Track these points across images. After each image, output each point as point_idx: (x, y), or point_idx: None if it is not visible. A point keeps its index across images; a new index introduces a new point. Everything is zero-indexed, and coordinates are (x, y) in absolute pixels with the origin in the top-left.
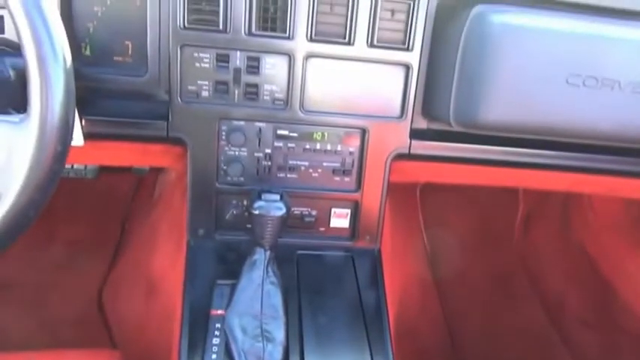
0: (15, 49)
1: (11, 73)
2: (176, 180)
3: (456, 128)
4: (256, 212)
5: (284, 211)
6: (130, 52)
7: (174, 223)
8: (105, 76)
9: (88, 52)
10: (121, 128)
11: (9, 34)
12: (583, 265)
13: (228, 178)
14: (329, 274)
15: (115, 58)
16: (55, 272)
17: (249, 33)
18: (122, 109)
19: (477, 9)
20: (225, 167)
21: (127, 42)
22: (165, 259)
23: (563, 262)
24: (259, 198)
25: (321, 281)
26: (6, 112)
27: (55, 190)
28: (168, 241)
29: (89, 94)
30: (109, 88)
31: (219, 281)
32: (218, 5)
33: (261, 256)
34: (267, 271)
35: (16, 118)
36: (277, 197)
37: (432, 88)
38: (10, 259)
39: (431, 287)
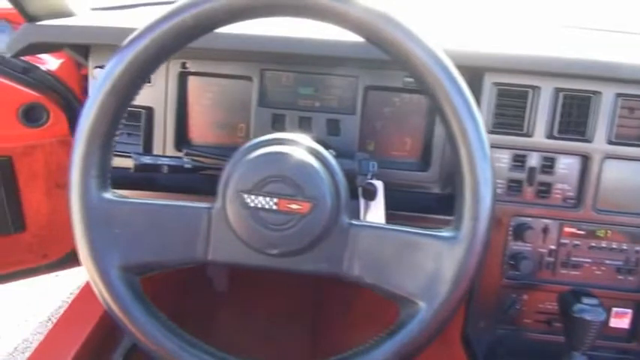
0: None
1: None
2: None
3: None
4: (578, 316)
5: (605, 315)
6: (407, 147)
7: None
8: (383, 170)
9: (371, 148)
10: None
11: None
12: None
13: (510, 273)
14: None
15: (393, 152)
16: (261, 343)
17: (550, 136)
18: (410, 203)
19: None
20: (511, 262)
21: (406, 139)
22: None
23: None
24: (577, 300)
25: None
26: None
27: None
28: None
29: None
30: (389, 182)
31: None
32: (524, 111)
33: None
34: None
35: (446, 233)
36: (596, 301)
37: None
38: (223, 329)
39: None
